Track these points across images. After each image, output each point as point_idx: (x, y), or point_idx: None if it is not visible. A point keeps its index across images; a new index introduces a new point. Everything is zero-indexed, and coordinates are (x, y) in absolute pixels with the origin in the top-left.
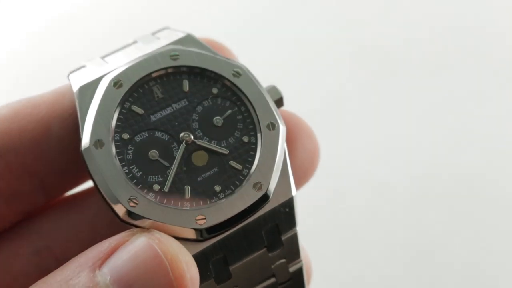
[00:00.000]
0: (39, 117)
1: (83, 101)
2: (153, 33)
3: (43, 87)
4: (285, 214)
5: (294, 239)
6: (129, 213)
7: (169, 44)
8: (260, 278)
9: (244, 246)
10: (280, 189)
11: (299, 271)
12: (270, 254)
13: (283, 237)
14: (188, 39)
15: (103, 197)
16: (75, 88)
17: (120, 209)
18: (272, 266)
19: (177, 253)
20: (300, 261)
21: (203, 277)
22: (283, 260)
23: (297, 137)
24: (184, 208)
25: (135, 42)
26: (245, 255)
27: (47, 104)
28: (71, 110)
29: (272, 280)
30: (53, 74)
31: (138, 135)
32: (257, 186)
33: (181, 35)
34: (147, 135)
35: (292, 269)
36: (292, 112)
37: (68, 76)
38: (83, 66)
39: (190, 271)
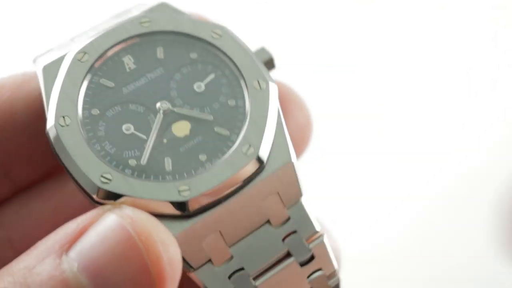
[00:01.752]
0: (2, 100)
1: (48, 80)
2: (126, 10)
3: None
4: (286, 183)
5: (301, 209)
6: (102, 192)
7: (140, 14)
8: (270, 255)
9: (242, 221)
10: (276, 155)
11: (321, 246)
12: (275, 229)
13: (289, 210)
14: (162, 7)
15: (73, 178)
16: (39, 69)
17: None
18: (282, 242)
19: (151, 232)
20: (320, 234)
21: (196, 258)
22: (295, 234)
23: (287, 109)
24: (165, 181)
25: (104, 21)
26: (245, 231)
27: (11, 86)
28: (37, 93)
29: (289, 257)
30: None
31: (110, 110)
32: (247, 151)
33: (154, 4)
34: (120, 109)
35: (311, 244)
36: (281, 80)
37: (34, 61)
38: (51, 49)
39: (168, 251)
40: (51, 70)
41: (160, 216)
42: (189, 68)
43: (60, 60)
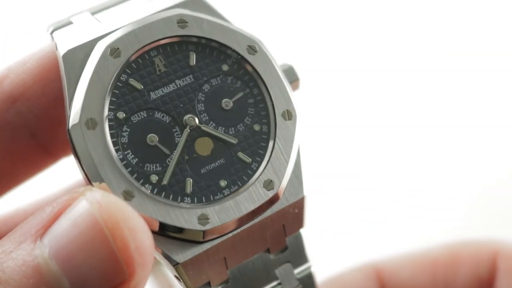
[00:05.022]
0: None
1: (72, 68)
2: None
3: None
4: (293, 215)
5: (298, 240)
6: None
7: (174, 6)
8: (262, 282)
9: (246, 248)
10: (291, 187)
11: (309, 277)
12: (272, 257)
13: (288, 239)
14: (197, 2)
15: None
16: (62, 51)
17: None
18: (276, 270)
19: (118, 219)
20: (309, 265)
21: (198, 280)
22: (288, 263)
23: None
24: (184, 206)
25: None
26: (246, 257)
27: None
28: (53, 75)
29: (275, 283)
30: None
31: (135, 115)
32: (268, 184)
33: None
34: (145, 116)
35: (300, 275)
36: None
37: (51, 34)
38: (70, 23)
39: (136, 239)
40: (76, 56)
41: (173, 238)
42: (218, 81)
43: (86, 47)
